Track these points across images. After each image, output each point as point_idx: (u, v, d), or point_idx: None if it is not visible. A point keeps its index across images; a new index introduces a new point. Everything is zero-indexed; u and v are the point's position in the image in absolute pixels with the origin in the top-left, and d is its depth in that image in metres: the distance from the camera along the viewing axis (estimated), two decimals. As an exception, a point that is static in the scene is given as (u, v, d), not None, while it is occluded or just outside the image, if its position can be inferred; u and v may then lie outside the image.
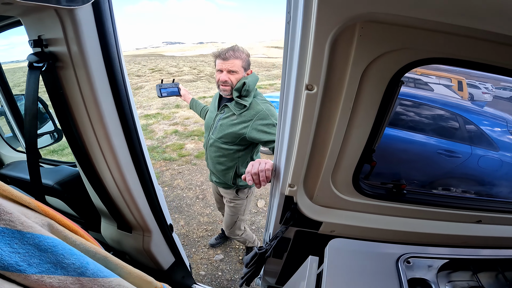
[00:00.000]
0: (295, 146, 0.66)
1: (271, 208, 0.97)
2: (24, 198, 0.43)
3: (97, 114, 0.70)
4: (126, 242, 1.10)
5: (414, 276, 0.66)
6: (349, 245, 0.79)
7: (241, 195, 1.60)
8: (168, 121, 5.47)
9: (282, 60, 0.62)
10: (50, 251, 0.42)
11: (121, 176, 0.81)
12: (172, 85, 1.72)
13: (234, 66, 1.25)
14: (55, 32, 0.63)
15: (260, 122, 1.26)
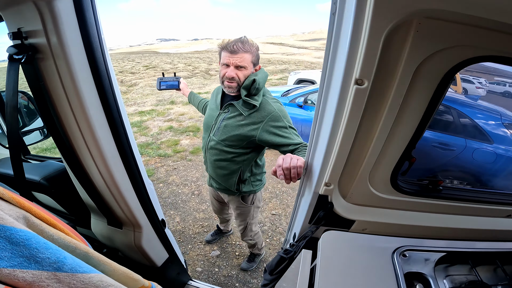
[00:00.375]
0: (336, 144, 0.63)
1: (298, 207, 0.96)
2: None
3: (80, 106, 0.68)
4: (117, 238, 1.08)
5: (411, 270, 0.64)
6: (343, 237, 0.77)
7: (246, 202, 1.50)
8: (163, 117, 5.42)
9: (324, 53, 0.60)
10: (22, 245, 0.39)
11: (107, 170, 0.78)
12: (172, 79, 1.69)
13: (243, 61, 1.10)
14: (34, 24, 0.62)
15: (272, 124, 1.15)
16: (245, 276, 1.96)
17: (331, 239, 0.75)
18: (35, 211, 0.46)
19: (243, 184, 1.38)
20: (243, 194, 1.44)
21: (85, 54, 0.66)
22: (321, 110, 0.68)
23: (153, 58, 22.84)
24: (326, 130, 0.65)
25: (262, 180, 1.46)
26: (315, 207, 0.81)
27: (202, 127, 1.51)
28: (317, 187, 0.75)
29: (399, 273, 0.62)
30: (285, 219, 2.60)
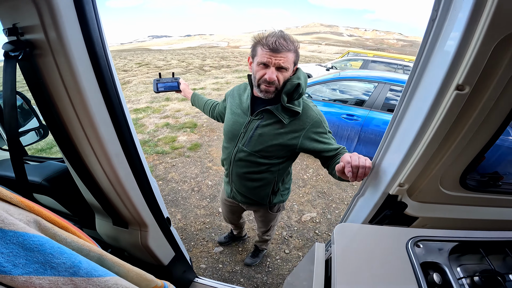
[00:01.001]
0: (422, 145, 0.65)
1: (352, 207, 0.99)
2: (5, 193, 0.39)
3: (82, 103, 0.65)
4: (123, 238, 1.06)
5: (426, 259, 0.65)
6: (355, 229, 0.78)
7: (273, 211, 1.42)
8: (159, 114, 5.36)
9: (416, 58, 0.62)
10: (37, 250, 0.38)
11: (112, 168, 0.76)
12: (171, 80, 1.53)
13: (286, 62, 0.94)
14: (31, 19, 0.59)
15: (314, 130, 1.05)
16: (249, 271, 1.97)
17: (344, 231, 0.76)
18: (45, 214, 0.45)
19: (274, 196, 1.28)
20: (273, 205, 1.36)
21: (85, 49, 0.64)
22: (401, 113, 0.70)
23: (146, 55, 22.49)
24: (409, 132, 0.67)
25: (289, 188, 1.40)
26: (380, 207, 0.83)
27: (197, 123, 1.47)
28: (388, 187, 0.78)
29: (415, 263, 0.62)
30: (286, 213, 2.61)
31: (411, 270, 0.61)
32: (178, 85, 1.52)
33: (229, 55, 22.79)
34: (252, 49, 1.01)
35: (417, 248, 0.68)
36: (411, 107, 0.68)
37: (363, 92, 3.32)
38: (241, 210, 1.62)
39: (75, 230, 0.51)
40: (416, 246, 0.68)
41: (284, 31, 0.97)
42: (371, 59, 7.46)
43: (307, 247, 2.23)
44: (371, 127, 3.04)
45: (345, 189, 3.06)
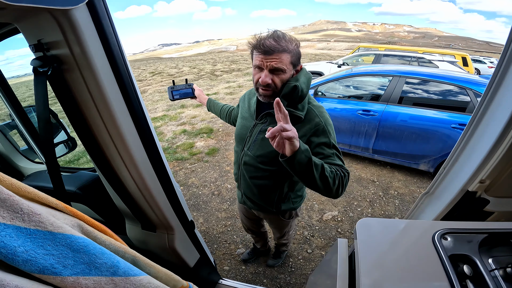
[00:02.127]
0: (507, 143, 0.68)
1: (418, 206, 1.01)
2: (51, 199, 0.42)
3: (109, 115, 0.69)
4: (151, 242, 1.10)
5: (454, 252, 0.63)
6: (378, 223, 0.77)
7: (285, 217, 1.34)
8: (176, 121, 5.49)
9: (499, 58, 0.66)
10: (82, 252, 0.41)
11: (139, 175, 0.80)
12: (185, 86, 1.52)
13: (280, 63, 0.89)
14: (55, 35, 0.61)
15: (315, 139, 0.96)
16: (272, 272, 1.97)
17: (367, 225, 0.75)
18: (87, 219, 0.48)
19: (283, 203, 1.22)
20: (283, 212, 1.29)
21: (108, 63, 0.67)
22: (481, 112, 0.73)
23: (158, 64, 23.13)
24: (493, 129, 0.70)
25: (302, 195, 1.30)
26: (456, 204, 0.85)
27: (213, 128, 1.45)
28: (467, 184, 0.80)
29: (443, 256, 0.61)
30: (307, 212, 2.59)
31: (439, 262, 0.60)
32: (192, 91, 1.52)
33: (239, 59, 22.98)
34: (250, 53, 0.97)
35: (444, 240, 0.66)
36: (492, 107, 0.69)
37: (378, 87, 3.24)
38: (257, 218, 1.55)
39: (112, 234, 0.54)
40: (443, 239, 0.66)
41: (280, 30, 0.93)
42: (383, 53, 7.25)
43: (329, 246, 2.20)
44: (390, 122, 2.97)
45: (366, 186, 3.00)
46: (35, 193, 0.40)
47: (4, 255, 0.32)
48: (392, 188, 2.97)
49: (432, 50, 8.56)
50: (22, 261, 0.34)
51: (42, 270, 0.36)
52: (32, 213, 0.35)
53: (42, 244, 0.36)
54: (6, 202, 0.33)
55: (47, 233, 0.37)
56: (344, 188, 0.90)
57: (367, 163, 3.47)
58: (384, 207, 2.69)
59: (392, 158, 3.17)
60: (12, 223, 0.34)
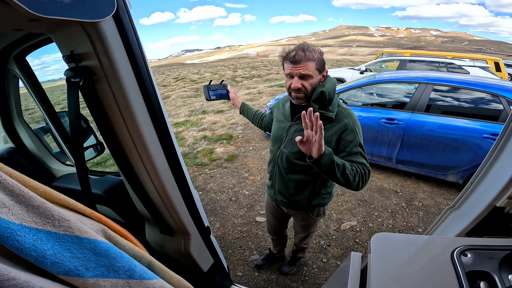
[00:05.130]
0: None
1: (442, 221, 1.01)
2: (79, 206, 0.46)
3: (133, 124, 0.72)
4: (168, 246, 1.14)
5: (473, 268, 0.61)
6: (395, 239, 0.76)
7: (314, 214, 1.42)
8: (197, 127, 5.64)
9: None
10: (104, 255, 0.44)
11: (160, 182, 0.84)
12: (220, 87, 1.52)
13: (307, 70, 1.05)
14: (85, 47, 0.65)
15: (344, 137, 1.09)
16: (285, 280, 1.95)
17: (383, 240, 0.74)
18: (110, 224, 0.51)
19: (314, 198, 1.31)
20: (312, 208, 1.38)
21: (133, 74, 0.69)
22: None
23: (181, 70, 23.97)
24: None
25: (331, 192, 1.39)
26: (483, 219, 0.84)
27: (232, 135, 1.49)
28: (496, 199, 0.78)
29: (460, 272, 0.59)
30: (324, 221, 2.55)
31: (455, 279, 0.58)
32: (227, 93, 1.54)
33: (259, 65, 23.20)
34: (282, 65, 1.14)
35: (464, 257, 0.64)
36: None
37: (403, 95, 3.13)
38: (284, 217, 1.63)
39: (132, 238, 0.57)
40: (463, 255, 0.64)
41: (306, 42, 1.08)
42: (408, 58, 6.91)
43: (346, 256, 2.14)
44: (415, 131, 2.85)
45: (388, 197, 2.88)
46: (66, 199, 0.44)
47: (34, 258, 0.35)
48: (417, 199, 2.83)
49: (462, 55, 8.11)
50: (50, 263, 0.37)
51: (67, 272, 0.38)
52: (62, 219, 0.39)
53: (69, 248, 0.39)
54: (39, 209, 0.37)
55: (74, 238, 0.40)
56: (365, 183, 1.05)
57: (390, 173, 3.34)
58: (407, 219, 2.57)
59: (417, 169, 3.02)
60: (44, 228, 0.37)
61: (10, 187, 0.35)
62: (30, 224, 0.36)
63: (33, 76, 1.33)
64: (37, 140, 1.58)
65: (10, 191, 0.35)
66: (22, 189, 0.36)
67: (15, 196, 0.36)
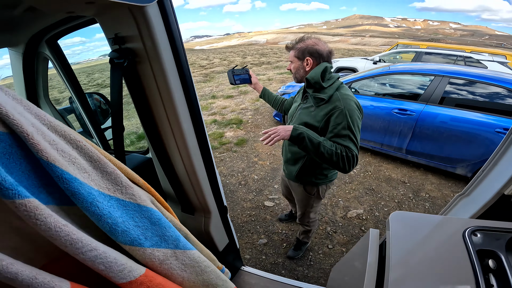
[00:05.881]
0: None
1: (452, 206, 1.06)
2: (135, 175, 0.48)
3: (171, 104, 0.76)
4: (189, 224, 1.20)
5: (482, 247, 0.66)
6: (412, 217, 0.81)
7: (308, 191, 1.53)
8: (207, 111, 5.66)
9: None
10: (157, 224, 0.45)
11: (189, 161, 0.88)
12: (243, 71, 1.59)
13: (290, 56, 1.32)
14: (131, 30, 0.68)
15: (333, 119, 1.18)
16: (291, 264, 2.02)
17: (400, 217, 0.79)
18: (157, 195, 0.55)
19: (305, 174, 1.43)
20: (305, 183, 1.48)
21: (172, 56, 0.73)
22: None
23: (190, 55, 23.69)
24: None
25: (328, 175, 1.46)
26: (491, 206, 0.88)
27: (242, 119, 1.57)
28: (504, 188, 0.83)
29: (471, 250, 0.64)
30: (331, 208, 2.59)
31: (466, 255, 0.63)
32: (249, 77, 1.61)
33: (269, 52, 22.76)
34: None
35: (474, 236, 0.69)
36: None
37: (417, 86, 3.08)
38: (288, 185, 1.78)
39: (171, 210, 0.62)
40: (474, 235, 0.69)
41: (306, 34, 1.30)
42: (424, 50, 6.70)
43: (351, 243, 2.20)
44: (428, 122, 2.83)
45: (396, 187, 2.91)
46: (125, 169, 0.46)
47: (109, 225, 0.36)
48: (424, 191, 2.85)
49: (481, 49, 7.84)
50: (121, 232, 0.37)
51: (132, 241, 0.39)
52: (128, 186, 0.41)
53: (132, 216, 0.41)
54: (112, 175, 0.39)
55: (136, 206, 0.42)
56: (348, 165, 1.13)
57: (399, 164, 3.35)
58: (413, 209, 2.60)
59: (427, 160, 3.02)
60: (114, 195, 0.39)
61: (90, 152, 0.37)
62: (104, 191, 0.38)
63: (64, 59, 1.36)
64: (61, 120, 1.64)
65: (89, 156, 0.37)
66: (98, 155, 0.38)
67: (94, 161, 0.37)
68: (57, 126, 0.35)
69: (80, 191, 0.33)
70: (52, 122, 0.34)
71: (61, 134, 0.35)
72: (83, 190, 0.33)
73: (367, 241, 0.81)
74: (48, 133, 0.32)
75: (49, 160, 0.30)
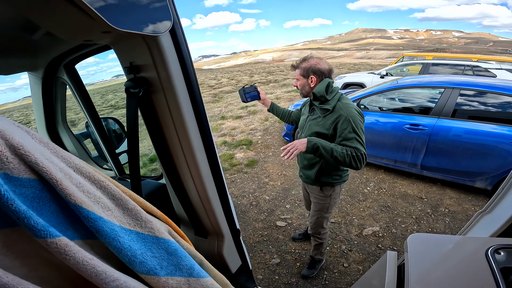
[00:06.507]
0: None
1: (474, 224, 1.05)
2: (153, 208, 0.51)
3: (184, 132, 0.78)
4: (202, 247, 1.19)
5: (506, 265, 0.65)
6: (430, 238, 0.80)
7: (325, 192, 1.66)
8: (217, 132, 5.75)
9: None
10: (173, 254, 0.47)
11: (203, 187, 0.90)
12: (252, 89, 1.75)
13: (295, 75, 1.52)
14: (145, 59, 0.69)
15: (339, 125, 1.37)
16: (305, 284, 1.96)
17: (419, 239, 0.77)
18: (173, 225, 0.56)
19: (323, 175, 1.59)
20: (322, 184, 1.63)
21: (185, 85, 0.74)
22: None
23: (199, 75, 24.47)
24: None
25: (342, 176, 1.63)
26: None
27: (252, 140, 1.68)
28: None
29: (495, 268, 0.62)
30: (345, 226, 2.53)
31: (490, 274, 0.61)
32: (258, 94, 1.76)
33: (275, 70, 23.26)
34: None
35: (498, 255, 0.67)
36: None
37: (428, 99, 3.06)
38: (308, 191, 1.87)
39: (187, 238, 0.63)
40: (497, 253, 0.67)
41: (308, 55, 1.50)
42: (431, 62, 6.66)
43: (368, 261, 2.12)
44: (441, 136, 2.78)
45: (412, 203, 2.82)
46: (144, 203, 0.49)
47: (129, 257, 0.38)
48: (443, 206, 2.75)
49: (488, 57, 7.77)
50: (139, 263, 0.40)
51: (148, 271, 0.41)
52: (148, 220, 0.44)
53: (150, 248, 0.43)
54: (132, 211, 0.42)
55: (154, 238, 0.44)
56: (359, 163, 1.31)
57: (414, 179, 3.27)
58: (432, 225, 2.51)
59: (443, 175, 2.94)
60: (134, 229, 0.42)
61: (112, 191, 0.40)
62: (126, 226, 0.41)
63: (81, 84, 1.42)
64: (78, 145, 1.70)
65: (112, 195, 0.40)
66: (120, 194, 0.41)
67: (116, 199, 0.41)
68: (83, 168, 0.38)
69: (104, 228, 0.35)
70: (77, 165, 0.37)
71: (86, 176, 0.38)
72: (107, 227, 0.36)
73: (384, 263, 0.79)
74: (74, 176, 0.35)
75: (77, 202, 0.33)
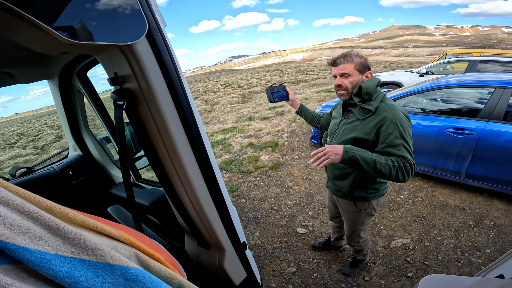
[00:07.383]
0: None
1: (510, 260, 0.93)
2: (114, 232, 0.50)
3: (171, 145, 0.75)
4: (204, 258, 1.17)
5: None
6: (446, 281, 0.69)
7: (358, 207, 1.48)
8: (243, 134, 5.78)
9: None
10: (134, 280, 0.45)
11: (196, 200, 0.86)
12: (280, 89, 1.62)
13: (344, 69, 1.24)
14: (125, 69, 0.67)
15: (383, 129, 1.17)
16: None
17: (433, 282, 0.68)
18: (143, 248, 0.54)
19: (357, 189, 1.40)
20: (355, 199, 1.45)
21: (169, 95, 0.70)
22: None
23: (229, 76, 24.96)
24: None
25: (379, 189, 1.42)
26: None
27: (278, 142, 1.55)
28: None
29: None
30: (371, 237, 2.37)
31: None
32: (287, 94, 1.63)
33: (305, 69, 22.80)
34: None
35: None
36: None
37: (475, 100, 2.70)
38: (336, 202, 1.70)
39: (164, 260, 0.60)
40: None
41: (350, 50, 1.28)
42: (479, 59, 5.84)
43: (393, 275, 1.93)
44: (491, 142, 2.44)
45: (453, 214, 2.52)
46: (102, 227, 0.48)
47: (68, 284, 0.38)
48: (488, 218, 2.43)
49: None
50: None
51: None
52: (95, 248, 0.42)
53: (101, 274, 0.42)
54: (75, 240, 0.41)
55: (106, 265, 0.43)
56: (407, 176, 1.12)
57: (456, 189, 2.92)
58: (474, 238, 2.22)
59: (491, 185, 2.58)
60: (78, 256, 0.41)
61: (47, 222, 0.39)
62: (66, 254, 0.39)
63: (94, 91, 1.50)
64: (101, 149, 1.80)
65: (47, 225, 0.39)
66: (57, 223, 0.40)
67: (51, 229, 0.39)
68: (10, 200, 0.38)
69: (28, 257, 0.35)
70: (4, 197, 0.37)
71: (14, 208, 0.37)
72: (32, 256, 0.35)
73: None
74: None
75: None
